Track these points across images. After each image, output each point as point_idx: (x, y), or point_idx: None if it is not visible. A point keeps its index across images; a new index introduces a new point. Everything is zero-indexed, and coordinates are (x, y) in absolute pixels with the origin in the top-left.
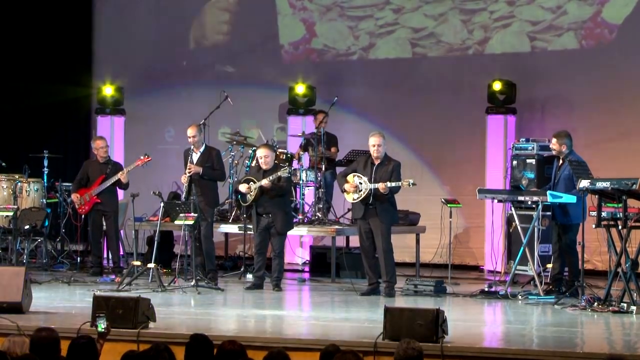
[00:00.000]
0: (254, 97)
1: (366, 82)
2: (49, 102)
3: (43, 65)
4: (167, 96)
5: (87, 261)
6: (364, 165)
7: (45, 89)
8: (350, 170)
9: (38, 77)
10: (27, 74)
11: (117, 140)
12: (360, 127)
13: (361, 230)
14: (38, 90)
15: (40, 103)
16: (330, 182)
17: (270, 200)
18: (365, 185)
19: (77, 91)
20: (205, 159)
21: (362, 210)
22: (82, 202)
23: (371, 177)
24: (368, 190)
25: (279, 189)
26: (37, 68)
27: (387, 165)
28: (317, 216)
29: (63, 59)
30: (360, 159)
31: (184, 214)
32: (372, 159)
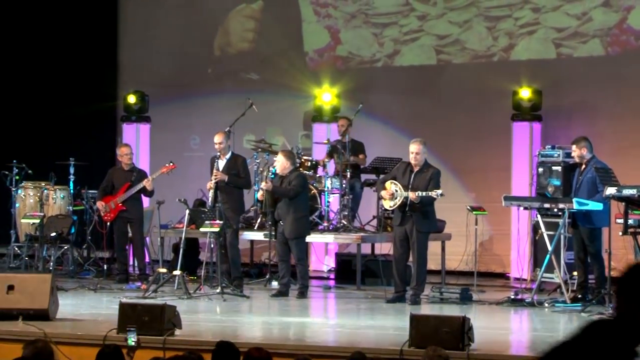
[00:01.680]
0: (279, 105)
1: (391, 89)
2: (75, 110)
3: (69, 73)
4: (192, 104)
5: (113, 268)
6: (403, 173)
7: (71, 97)
8: (390, 177)
9: (64, 86)
10: (53, 82)
11: (143, 148)
12: (385, 134)
13: (396, 238)
14: (64, 98)
15: (67, 111)
16: (359, 189)
17: (280, 204)
18: (400, 193)
19: (102, 99)
20: (231, 166)
21: (400, 218)
22: (108, 209)
23: (409, 184)
24: (402, 198)
25: (281, 192)
26: (63, 77)
27: (426, 173)
28: (342, 223)
29: (89, 67)
30: (400, 166)
31: (209, 221)
32: (411, 166)
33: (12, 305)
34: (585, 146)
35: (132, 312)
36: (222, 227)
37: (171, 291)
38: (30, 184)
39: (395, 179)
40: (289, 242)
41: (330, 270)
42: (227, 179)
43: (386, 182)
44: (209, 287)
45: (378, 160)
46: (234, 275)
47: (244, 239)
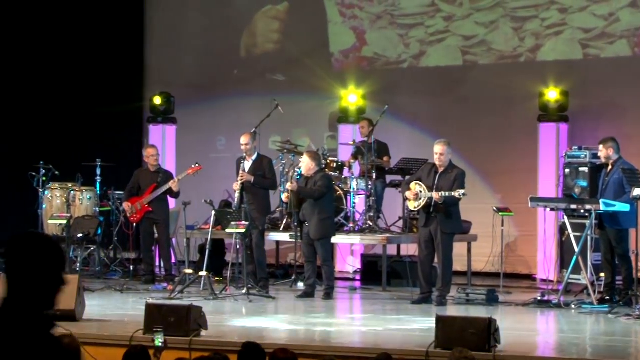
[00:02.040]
0: (305, 106)
1: (417, 90)
2: (102, 111)
3: (96, 75)
4: (218, 105)
5: (140, 269)
6: (428, 173)
7: (98, 99)
8: (415, 178)
9: (91, 87)
10: (80, 83)
11: (169, 149)
12: (410, 135)
13: (421, 239)
14: (91, 99)
15: (93, 112)
16: (381, 191)
17: (305, 205)
18: (424, 194)
19: (129, 100)
20: (257, 167)
21: (424, 219)
22: (134, 210)
23: (434, 185)
24: (427, 199)
25: (307, 193)
26: (89, 78)
27: (450, 174)
28: (368, 224)
29: (116, 68)
30: (425, 167)
31: (235, 222)
32: (436, 167)
33: None
34: (612, 147)
35: (158, 313)
36: (248, 228)
37: (197, 292)
38: (57, 185)
39: (420, 180)
40: (314, 243)
41: (356, 271)
42: (253, 180)
43: (411, 183)
44: (235, 288)
45: (404, 162)
46: (260, 276)
47: (270, 240)
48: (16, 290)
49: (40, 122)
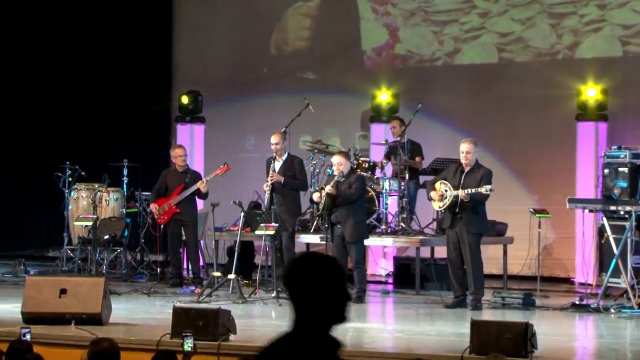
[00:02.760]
0: (336, 105)
1: (451, 89)
2: (129, 111)
3: (123, 74)
4: (247, 104)
5: (167, 272)
6: (454, 173)
7: (125, 98)
8: (440, 177)
9: (118, 86)
10: (107, 83)
11: (197, 149)
12: (445, 134)
13: (449, 241)
14: (118, 99)
15: (120, 112)
16: (413, 192)
17: (341, 208)
18: (449, 193)
19: (156, 99)
20: (288, 167)
21: (450, 219)
22: (161, 212)
23: (459, 184)
24: (452, 198)
25: (345, 196)
26: (116, 77)
27: (477, 173)
28: (400, 226)
29: (143, 67)
30: (451, 167)
31: (264, 224)
32: (462, 166)
33: (64, 309)
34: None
35: (186, 316)
36: (277, 230)
37: (226, 295)
38: (83, 185)
39: (445, 180)
40: (348, 245)
41: (389, 274)
42: (283, 180)
43: (436, 182)
44: (264, 292)
45: (437, 162)
46: None
47: (300, 242)
48: (305, 312)
49: (66, 121)
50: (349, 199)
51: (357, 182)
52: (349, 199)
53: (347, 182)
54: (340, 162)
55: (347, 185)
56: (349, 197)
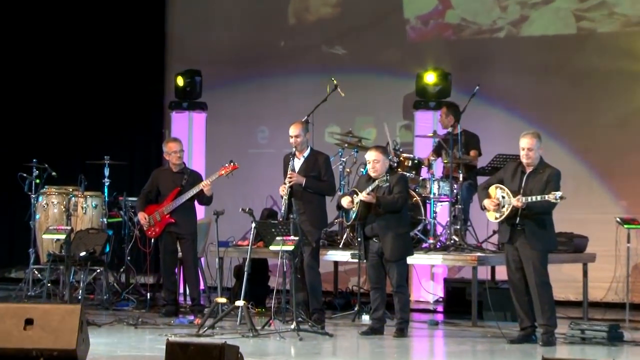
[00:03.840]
0: (371, 87)
1: (516, 67)
2: (112, 95)
3: (104, 50)
4: (259, 86)
5: (159, 298)
6: (513, 174)
7: (106, 80)
8: (495, 180)
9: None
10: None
11: (197, 143)
12: (508, 124)
13: (509, 259)
14: (98, 81)
15: (101, 97)
16: (468, 196)
17: (379, 218)
18: (508, 200)
19: (146, 81)
20: (310, 166)
21: (508, 233)
22: (152, 222)
23: (520, 188)
24: (511, 207)
25: (387, 204)
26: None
27: (542, 174)
28: (453, 240)
29: (129, 41)
30: (509, 166)
31: (281, 237)
32: (522, 165)
33: (30, 344)
34: None
35: (182, 353)
36: (297, 245)
37: (233, 327)
38: (55, 189)
39: (502, 183)
40: (387, 264)
41: (438, 300)
42: (304, 182)
43: (490, 187)
44: (281, 322)
45: (499, 159)
46: (313, 307)
47: (326, 259)
48: None
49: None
50: (392, 207)
51: (399, 185)
52: (391, 207)
53: (386, 186)
54: (376, 158)
55: (387, 190)
56: (392, 205)
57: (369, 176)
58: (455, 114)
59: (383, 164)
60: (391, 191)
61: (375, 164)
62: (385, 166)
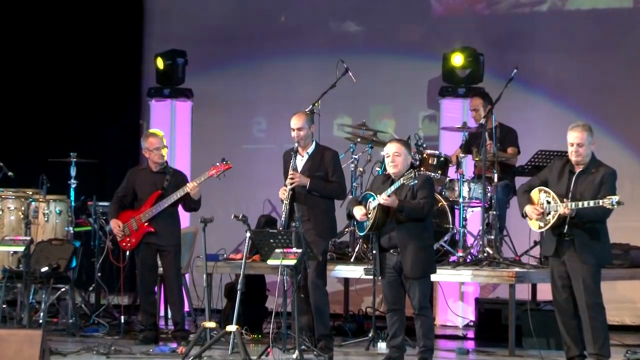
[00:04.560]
0: (389, 71)
1: (562, 46)
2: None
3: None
4: (255, 70)
5: (135, 321)
6: (559, 175)
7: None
8: (538, 182)
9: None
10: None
11: (181, 137)
12: (552, 115)
13: (554, 275)
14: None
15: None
16: (504, 200)
17: (399, 227)
18: (553, 206)
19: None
20: (316, 164)
21: (554, 244)
22: (127, 231)
23: (568, 192)
24: (558, 214)
25: (412, 209)
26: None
27: (594, 175)
28: (486, 252)
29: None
30: (554, 165)
31: (281, 250)
32: (570, 164)
33: None
34: None
35: None
36: (300, 259)
37: (223, 356)
38: (11, 192)
39: (546, 186)
40: (407, 282)
41: (468, 325)
42: (309, 184)
43: (532, 190)
44: (281, 351)
45: (542, 156)
46: (320, 333)
47: (335, 276)
48: None
49: None
50: (416, 214)
51: (425, 188)
52: (416, 214)
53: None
54: (397, 151)
55: (410, 193)
56: (417, 211)
57: (386, 176)
58: (488, 102)
59: (405, 158)
60: (415, 195)
61: (395, 158)
62: (407, 162)
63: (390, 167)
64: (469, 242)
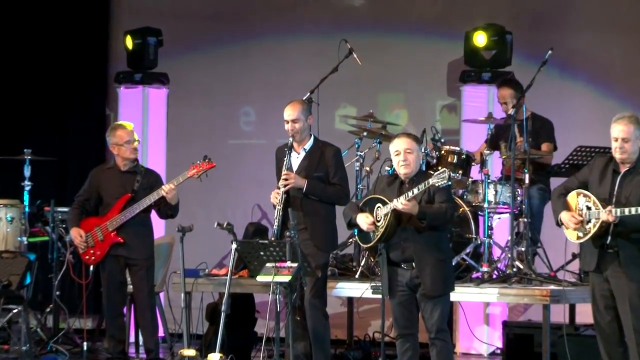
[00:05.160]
0: (400, 52)
1: (605, 23)
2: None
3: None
4: (243, 51)
5: (100, 348)
6: (601, 175)
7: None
8: (576, 183)
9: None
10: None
11: (155, 131)
12: (594, 104)
13: (595, 294)
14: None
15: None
16: (539, 206)
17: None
18: (595, 212)
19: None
20: (314, 163)
21: (596, 258)
22: (91, 242)
23: (612, 195)
24: (600, 222)
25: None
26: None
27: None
28: (515, 267)
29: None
30: (596, 164)
31: (273, 264)
32: (615, 163)
33: None
34: None
35: None
36: (296, 275)
37: None
38: None
39: (586, 187)
40: (423, 302)
41: (495, 352)
42: (306, 186)
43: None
44: None
45: (581, 153)
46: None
47: (337, 295)
48: None
49: None
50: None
51: (443, 192)
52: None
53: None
54: (409, 147)
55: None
56: (440, 218)
57: (394, 175)
58: (519, 90)
59: (418, 156)
60: (432, 198)
61: (407, 155)
62: (419, 161)
63: (401, 167)
64: (496, 255)
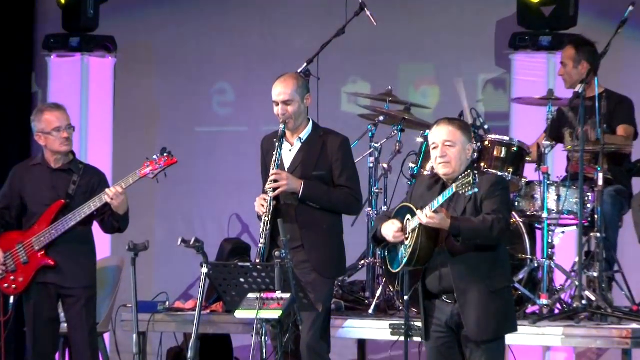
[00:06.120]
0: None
1: None
2: None
3: None
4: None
5: None
6: None
7: None
8: None
9: None
10: None
11: (97, 114)
12: None
13: None
14: None
15: None
16: (614, 215)
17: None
18: None
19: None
20: (313, 158)
21: None
22: (12, 266)
23: None
24: None
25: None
26: None
27: None
28: (585, 299)
29: None
30: None
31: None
32: None
33: None
34: None
35: None
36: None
37: None
38: None
39: None
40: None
41: None
42: (302, 189)
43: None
44: None
45: None
46: None
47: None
48: None
49: None
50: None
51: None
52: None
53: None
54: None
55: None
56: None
57: (435, 177)
58: (590, 58)
59: (463, 150)
60: (479, 208)
61: (447, 149)
62: (467, 155)
63: (439, 166)
64: (558, 283)
